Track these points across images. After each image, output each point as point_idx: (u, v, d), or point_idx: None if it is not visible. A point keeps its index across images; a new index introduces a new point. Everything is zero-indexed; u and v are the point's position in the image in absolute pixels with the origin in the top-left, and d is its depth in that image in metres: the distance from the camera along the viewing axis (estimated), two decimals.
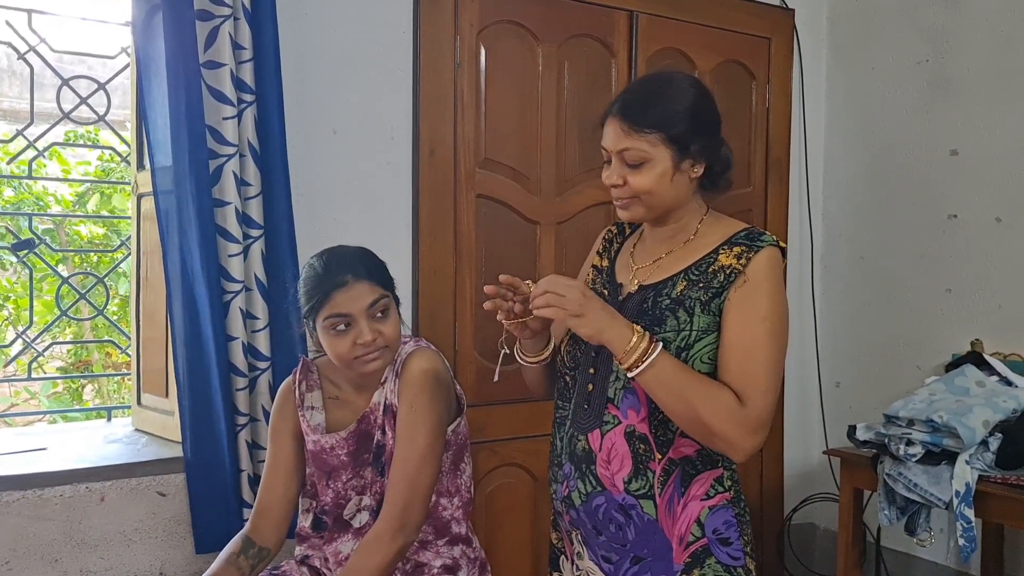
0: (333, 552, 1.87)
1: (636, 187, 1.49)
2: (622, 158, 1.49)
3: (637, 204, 1.51)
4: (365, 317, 1.73)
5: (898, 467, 2.46)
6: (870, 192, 3.34)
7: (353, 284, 1.73)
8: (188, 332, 2.23)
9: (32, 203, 4.35)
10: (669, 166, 1.48)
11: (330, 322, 1.74)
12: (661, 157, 1.47)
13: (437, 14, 2.63)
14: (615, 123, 1.49)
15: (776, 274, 1.48)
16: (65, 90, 2.57)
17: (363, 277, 1.74)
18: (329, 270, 1.75)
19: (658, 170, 1.48)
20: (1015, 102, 2.89)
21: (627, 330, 1.41)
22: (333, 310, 1.73)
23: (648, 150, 1.47)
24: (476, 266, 2.73)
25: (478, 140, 2.72)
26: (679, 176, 1.50)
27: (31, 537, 2.14)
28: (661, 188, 1.49)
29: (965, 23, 3.03)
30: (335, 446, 1.84)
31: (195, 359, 2.23)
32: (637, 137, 1.47)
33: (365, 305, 1.73)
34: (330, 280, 1.73)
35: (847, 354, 3.42)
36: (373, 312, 1.75)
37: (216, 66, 2.18)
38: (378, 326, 1.75)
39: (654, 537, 1.50)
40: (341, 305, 1.72)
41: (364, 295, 1.74)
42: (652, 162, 1.47)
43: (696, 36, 3.11)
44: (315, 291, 1.74)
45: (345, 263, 1.76)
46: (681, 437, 1.49)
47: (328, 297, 1.72)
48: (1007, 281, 2.91)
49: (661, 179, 1.48)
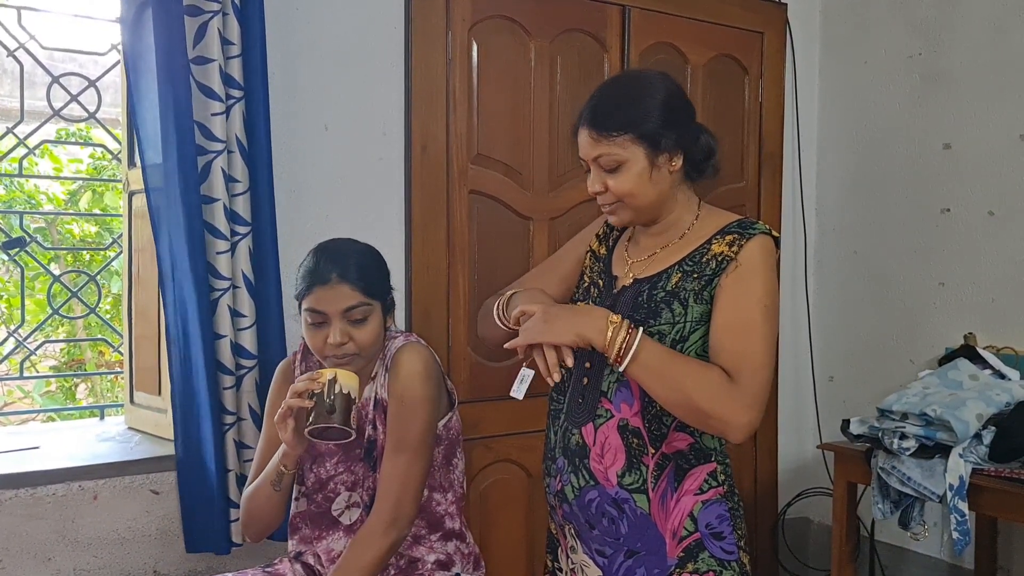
0: (325, 549, 1.87)
1: (617, 191, 1.50)
2: (598, 164, 1.50)
3: (623, 209, 1.52)
4: (340, 319, 1.73)
5: (892, 461, 2.47)
6: (863, 186, 3.34)
7: (335, 284, 1.72)
8: (177, 330, 2.22)
9: (24, 201, 4.33)
10: (645, 164, 1.48)
11: (306, 315, 1.75)
12: (636, 157, 1.48)
13: (428, 9, 2.62)
14: (585, 132, 1.51)
15: (769, 261, 1.48)
16: (56, 88, 2.56)
17: (348, 280, 1.73)
18: (319, 264, 1.75)
19: (635, 170, 1.48)
20: (1007, 95, 2.89)
21: (601, 322, 1.42)
22: (310, 305, 1.74)
23: (621, 152, 1.48)
24: (469, 262, 2.72)
25: (470, 136, 2.71)
26: (657, 172, 1.50)
27: (24, 536, 2.13)
28: (641, 187, 1.49)
29: (957, 17, 3.03)
30: None
31: (183, 357, 2.22)
32: (608, 142, 1.48)
33: (341, 308, 1.73)
34: (315, 276, 1.74)
35: (841, 348, 3.42)
36: (349, 316, 1.74)
37: (205, 62, 2.18)
38: (352, 330, 1.74)
39: (647, 531, 1.50)
40: (318, 302, 1.73)
41: (343, 298, 1.73)
42: (628, 163, 1.48)
43: (689, 30, 3.11)
44: (302, 281, 1.76)
45: (337, 260, 1.75)
46: (675, 431, 1.49)
47: (310, 291, 1.73)
48: (1000, 275, 2.92)
49: (640, 179, 1.49)
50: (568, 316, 1.45)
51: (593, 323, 1.42)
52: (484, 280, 2.73)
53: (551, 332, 1.43)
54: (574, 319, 1.44)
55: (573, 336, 1.42)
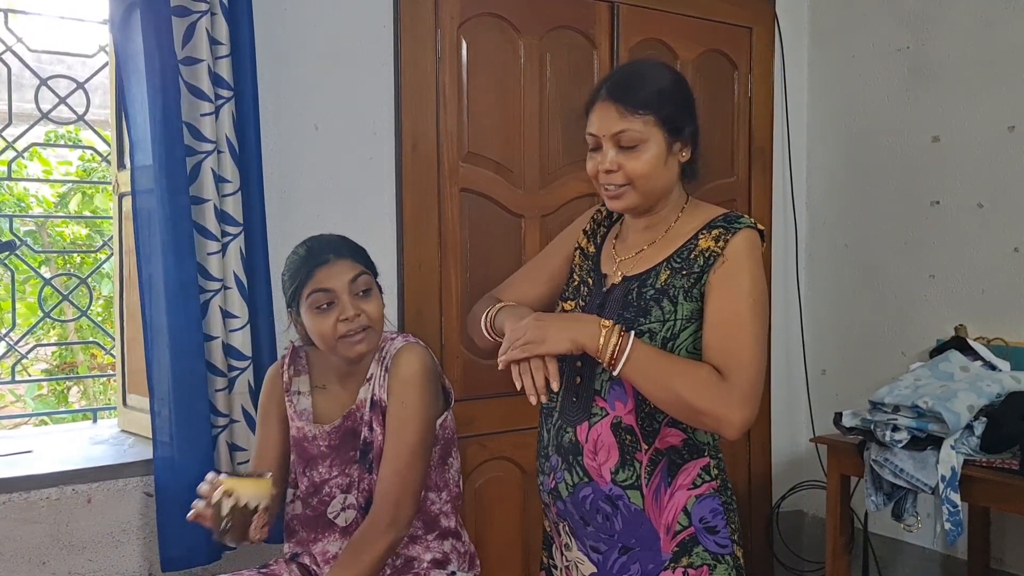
0: (320, 551, 1.87)
1: (631, 171, 1.48)
2: (616, 141, 1.48)
3: (630, 192, 1.50)
4: (347, 293, 1.77)
5: (884, 453, 2.48)
6: (853, 179, 3.35)
7: (335, 261, 1.78)
8: (171, 332, 2.17)
9: (13, 204, 4.32)
10: (663, 148, 1.48)
11: (313, 299, 1.77)
12: (655, 139, 1.48)
13: (417, 7, 2.62)
14: (606, 106, 1.48)
15: (754, 254, 1.48)
16: (44, 90, 2.55)
17: (344, 256, 1.80)
18: (311, 251, 1.81)
19: (652, 152, 1.48)
20: (995, 88, 2.91)
21: (593, 327, 1.42)
22: (316, 285, 1.76)
23: (643, 130, 1.46)
24: (461, 260, 2.72)
25: (461, 134, 2.71)
26: (671, 159, 1.51)
27: (18, 540, 2.12)
28: (656, 171, 1.49)
29: (945, 10, 3.04)
30: (318, 436, 1.85)
31: (176, 360, 2.17)
32: (632, 118, 1.46)
33: (347, 280, 1.77)
34: (313, 260, 1.78)
35: (832, 341, 3.44)
36: (355, 288, 1.78)
37: (194, 62, 2.17)
38: (361, 304, 1.79)
39: (641, 527, 1.50)
40: (323, 280, 1.76)
41: (345, 271, 1.78)
42: (647, 144, 1.47)
43: (678, 26, 3.11)
44: (298, 272, 1.79)
45: (327, 245, 1.82)
46: (667, 427, 1.49)
47: (311, 275, 1.77)
48: (990, 266, 2.93)
49: (656, 162, 1.48)
50: (560, 324, 1.45)
51: (586, 329, 1.42)
52: (476, 278, 2.73)
53: (545, 344, 1.42)
54: (567, 326, 1.44)
55: (568, 343, 1.42)
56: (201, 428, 2.19)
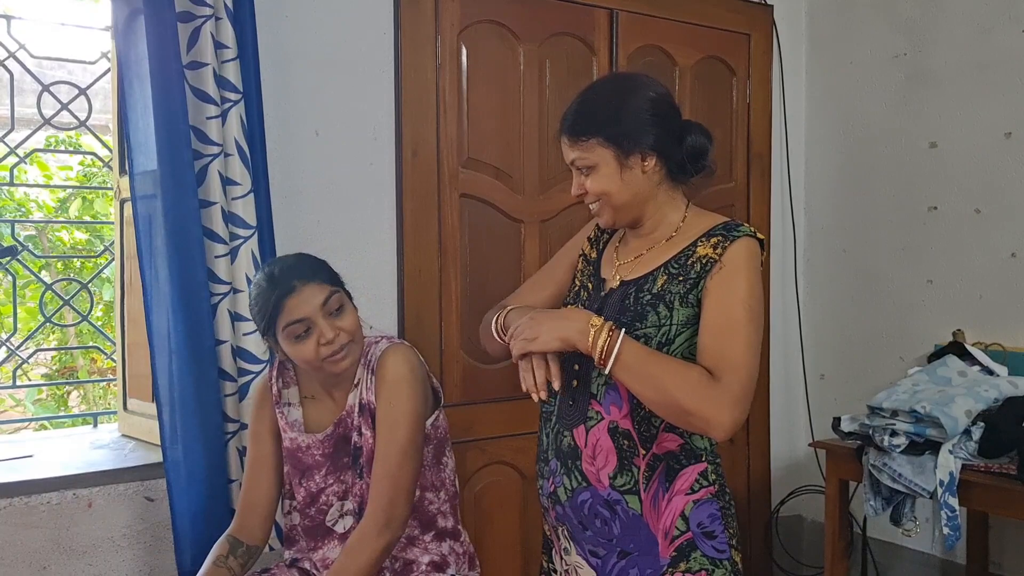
0: (320, 559, 1.87)
1: (594, 191, 1.55)
2: (576, 167, 1.56)
3: (605, 209, 1.57)
4: (322, 316, 1.74)
5: (883, 458, 2.49)
6: (851, 185, 3.36)
7: (301, 288, 1.73)
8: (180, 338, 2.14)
9: (14, 210, 4.32)
10: (615, 166, 1.52)
11: (289, 330, 1.74)
12: (605, 159, 1.52)
13: (417, 14, 2.63)
14: (563, 139, 1.58)
15: (753, 263, 1.49)
16: (46, 96, 2.56)
17: (309, 279, 1.75)
18: (274, 281, 1.75)
19: (604, 171, 1.53)
20: (992, 94, 2.92)
21: (583, 324, 1.44)
22: (289, 317, 1.73)
23: (590, 156, 1.53)
24: (461, 266, 2.73)
25: (461, 140, 2.72)
26: (629, 173, 1.53)
27: (19, 545, 2.13)
28: (614, 187, 1.53)
29: (941, 16, 3.05)
30: (311, 446, 1.85)
31: (186, 366, 2.14)
32: (578, 146, 1.54)
33: (318, 304, 1.74)
34: (279, 290, 1.73)
35: (831, 346, 3.44)
36: (328, 310, 1.75)
37: (199, 66, 2.17)
38: (336, 322, 1.76)
39: (639, 532, 1.51)
40: (295, 311, 1.72)
41: (315, 295, 1.74)
42: (598, 166, 1.53)
43: (676, 33, 3.13)
44: (266, 304, 1.74)
45: (288, 271, 1.76)
46: (664, 432, 1.50)
47: (280, 307, 1.72)
48: (987, 271, 2.94)
49: (611, 179, 1.53)
50: (551, 322, 1.47)
51: (575, 326, 1.44)
52: (476, 283, 2.74)
53: (537, 342, 1.46)
54: (556, 324, 1.46)
55: (557, 342, 1.44)
56: (214, 435, 2.17)
